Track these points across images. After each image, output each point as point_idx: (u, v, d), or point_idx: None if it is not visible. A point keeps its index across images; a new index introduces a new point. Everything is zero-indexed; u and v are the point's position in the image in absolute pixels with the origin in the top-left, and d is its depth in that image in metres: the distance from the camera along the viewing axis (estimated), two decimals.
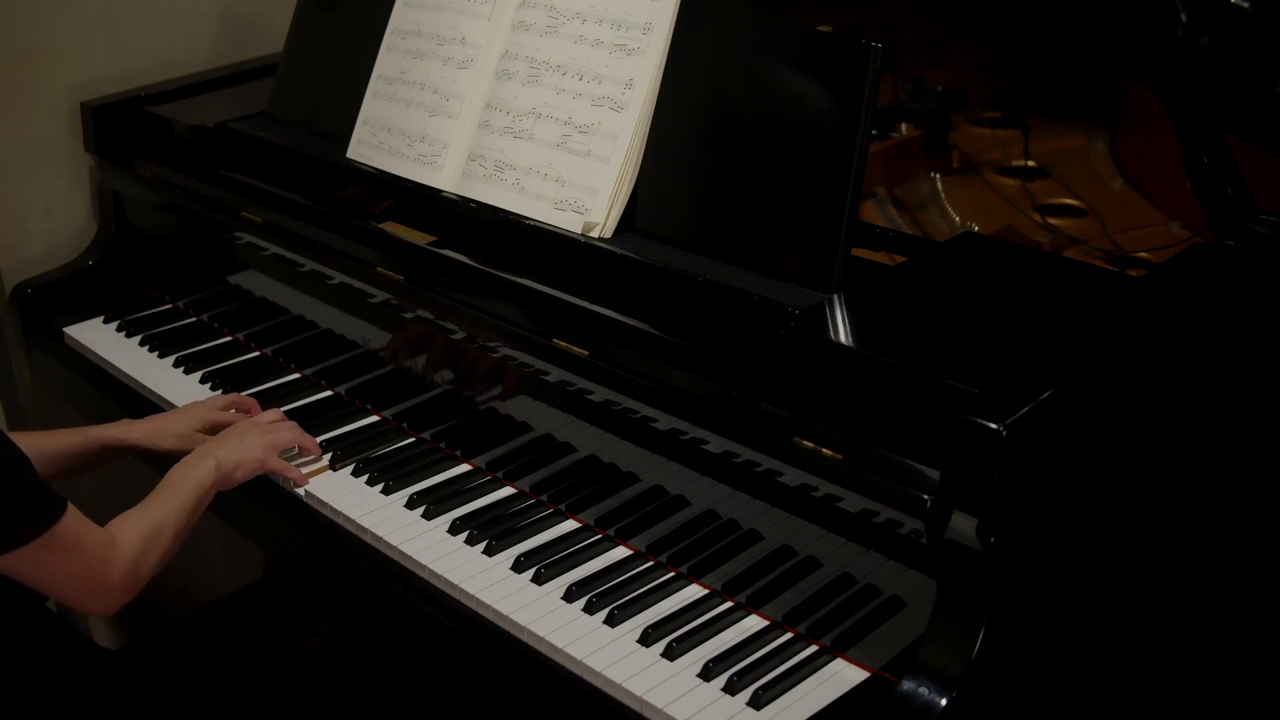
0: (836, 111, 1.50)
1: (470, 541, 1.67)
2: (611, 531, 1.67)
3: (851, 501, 1.42)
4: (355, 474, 1.82)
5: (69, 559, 1.48)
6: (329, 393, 2.05)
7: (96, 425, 1.85)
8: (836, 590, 1.50)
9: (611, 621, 1.52)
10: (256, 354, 2.17)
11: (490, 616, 1.56)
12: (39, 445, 1.76)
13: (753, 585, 1.54)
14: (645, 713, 1.41)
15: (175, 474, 1.69)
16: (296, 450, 1.83)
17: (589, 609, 1.55)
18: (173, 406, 2.02)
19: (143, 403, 2.10)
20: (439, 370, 1.87)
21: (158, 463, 1.82)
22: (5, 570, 1.45)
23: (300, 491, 1.79)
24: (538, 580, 1.59)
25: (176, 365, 2.14)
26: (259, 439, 1.78)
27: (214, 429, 1.87)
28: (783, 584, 1.53)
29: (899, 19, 2.44)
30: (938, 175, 2.23)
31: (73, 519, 1.48)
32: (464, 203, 1.82)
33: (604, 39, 1.72)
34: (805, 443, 1.41)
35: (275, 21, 2.32)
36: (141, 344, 2.21)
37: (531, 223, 1.73)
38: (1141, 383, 1.47)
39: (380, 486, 1.78)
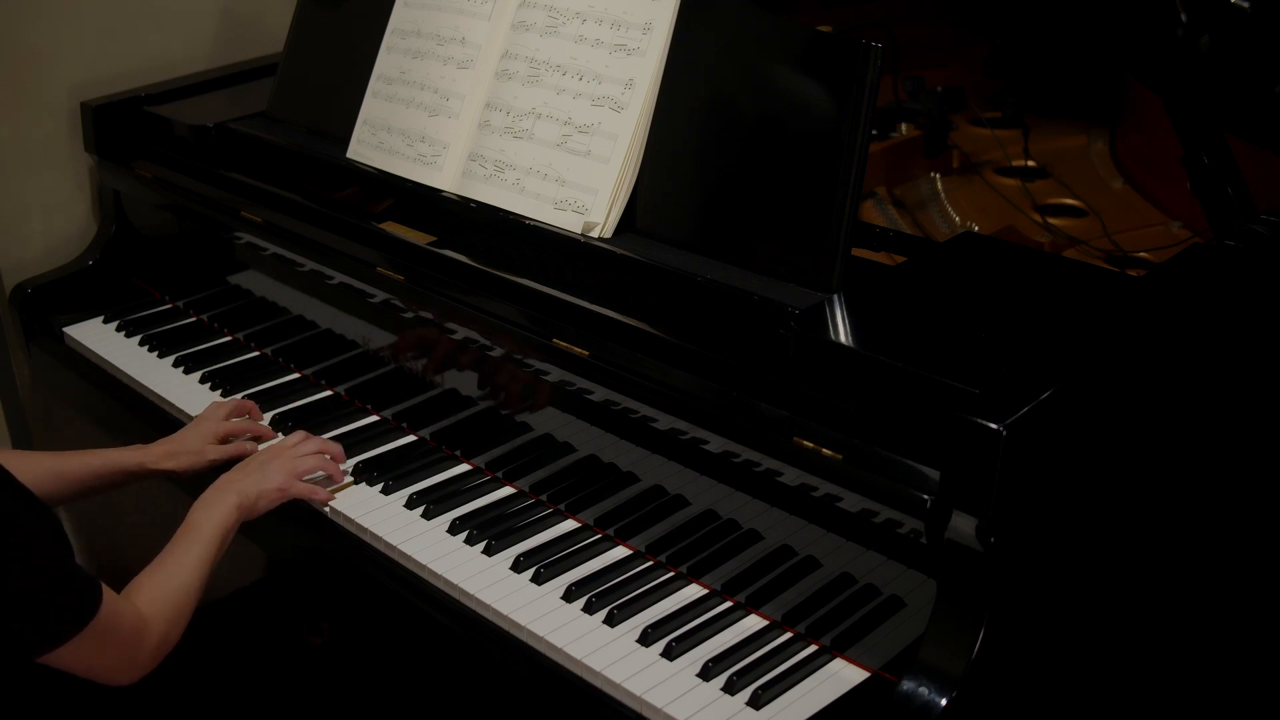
0: (837, 111, 1.50)
1: (470, 541, 1.67)
2: (611, 531, 1.67)
3: (851, 501, 1.42)
4: (355, 474, 1.82)
5: (105, 646, 1.45)
6: (329, 393, 2.04)
7: (112, 448, 1.82)
8: (836, 590, 1.50)
9: (611, 621, 1.52)
10: (256, 354, 2.17)
11: (490, 616, 1.56)
12: (56, 466, 1.74)
13: (752, 585, 1.54)
14: (645, 712, 1.41)
15: (197, 515, 1.65)
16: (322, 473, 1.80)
17: (588, 609, 1.55)
18: (173, 406, 2.03)
19: (143, 403, 2.10)
20: (439, 370, 1.87)
21: (177, 482, 1.80)
22: (40, 660, 1.41)
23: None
24: (537, 580, 1.59)
25: (176, 365, 2.14)
26: (281, 466, 1.74)
27: (224, 439, 1.86)
28: (782, 584, 1.53)
29: (899, 19, 2.44)
30: (938, 175, 2.23)
31: (109, 604, 1.43)
32: (464, 203, 1.82)
33: (604, 39, 1.72)
34: (805, 443, 1.41)
35: (275, 21, 2.31)
36: (141, 344, 2.21)
37: (531, 223, 1.73)
38: (1142, 383, 1.47)
39: (380, 486, 1.78)
